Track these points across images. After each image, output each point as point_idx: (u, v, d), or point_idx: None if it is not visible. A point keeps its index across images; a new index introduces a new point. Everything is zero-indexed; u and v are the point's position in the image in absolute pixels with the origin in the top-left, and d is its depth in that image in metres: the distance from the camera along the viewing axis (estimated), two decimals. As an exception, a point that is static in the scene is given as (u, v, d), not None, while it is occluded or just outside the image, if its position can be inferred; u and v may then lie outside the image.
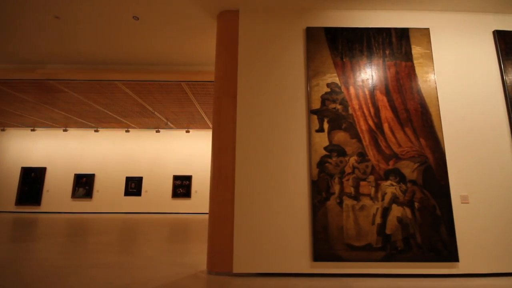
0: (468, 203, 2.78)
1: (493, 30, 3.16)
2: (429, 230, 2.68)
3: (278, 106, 2.96)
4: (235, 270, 2.64)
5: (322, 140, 2.86)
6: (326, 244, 2.65)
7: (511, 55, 3.07)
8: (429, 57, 3.04)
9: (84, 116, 7.42)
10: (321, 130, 2.88)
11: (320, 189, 2.76)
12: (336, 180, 2.78)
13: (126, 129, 9.26)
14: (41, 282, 2.46)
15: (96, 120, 7.96)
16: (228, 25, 3.19)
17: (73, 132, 9.69)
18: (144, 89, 5.24)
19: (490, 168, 2.85)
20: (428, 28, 3.11)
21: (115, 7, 3.31)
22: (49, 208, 9.43)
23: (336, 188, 2.76)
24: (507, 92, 2.98)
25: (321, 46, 3.07)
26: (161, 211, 9.39)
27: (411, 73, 3.01)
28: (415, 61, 3.04)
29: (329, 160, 2.82)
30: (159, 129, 9.64)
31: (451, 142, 2.89)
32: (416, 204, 2.73)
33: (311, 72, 3.01)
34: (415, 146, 2.85)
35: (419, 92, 2.96)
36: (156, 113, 6.66)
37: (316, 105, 2.94)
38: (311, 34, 3.10)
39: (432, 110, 2.92)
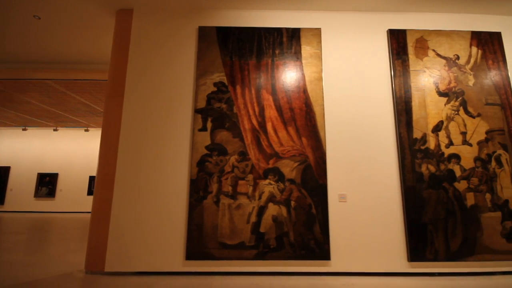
0: (345, 202, 2.80)
1: (387, 29, 3.17)
2: (303, 228, 2.70)
3: (165, 105, 2.97)
4: (107, 269, 2.64)
5: (204, 139, 2.87)
6: (200, 242, 2.66)
7: (402, 55, 3.08)
8: (318, 57, 3.06)
9: (36, 115, 7.41)
10: (204, 129, 2.89)
11: (198, 188, 2.77)
12: (215, 179, 2.79)
13: (86, 128, 9.25)
14: None
15: (51, 119, 7.95)
16: (122, 24, 3.19)
17: (35, 131, 9.66)
18: (81, 88, 5.24)
19: (371, 168, 2.87)
20: (320, 28, 3.12)
21: (17, 6, 3.30)
22: (12, 207, 9.40)
23: (214, 187, 2.77)
24: (394, 92, 3.00)
25: (211, 46, 3.08)
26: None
27: (299, 73, 3.02)
28: (303, 61, 3.05)
29: (209, 159, 2.83)
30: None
31: (333, 141, 2.90)
32: (292, 203, 2.75)
33: (199, 71, 3.01)
34: (296, 145, 2.87)
35: (305, 92, 2.98)
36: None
37: (202, 104, 2.95)
38: (203, 33, 3.11)
39: (316, 109, 2.94)
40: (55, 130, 9.30)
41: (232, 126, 2.90)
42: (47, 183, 9.49)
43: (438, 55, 3.07)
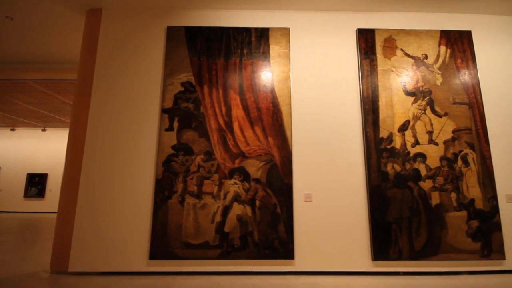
0: (311, 201, 2.80)
1: (356, 28, 3.17)
2: (268, 228, 2.70)
3: (132, 105, 2.96)
4: (70, 269, 2.64)
5: (170, 139, 2.87)
6: (164, 242, 2.66)
7: (370, 54, 3.08)
8: (287, 57, 3.06)
9: (23, 115, 7.42)
10: (170, 129, 2.89)
11: (163, 188, 2.77)
12: (180, 178, 2.79)
13: (75, 128, 9.23)
14: None
15: (38, 119, 7.95)
16: (92, 24, 3.19)
17: (24, 132, 9.66)
18: (62, 89, 5.24)
19: (337, 168, 2.87)
20: (289, 28, 3.12)
21: (-13, 6, 3.30)
22: (1, 207, 9.39)
23: (180, 187, 2.77)
24: (361, 92, 3.00)
25: (180, 45, 3.07)
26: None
27: (267, 72, 3.02)
28: (272, 61, 3.05)
29: (175, 159, 2.83)
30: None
31: (299, 141, 2.90)
32: (257, 203, 2.75)
33: (167, 71, 3.01)
34: (262, 144, 2.87)
35: (272, 91, 2.98)
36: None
37: (169, 104, 2.95)
38: (172, 33, 3.11)
39: (283, 109, 2.94)
40: (43, 130, 9.30)
41: (199, 126, 2.90)
42: (36, 184, 9.48)
43: (406, 54, 3.07)
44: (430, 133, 2.90)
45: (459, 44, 3.13)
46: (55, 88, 5.25)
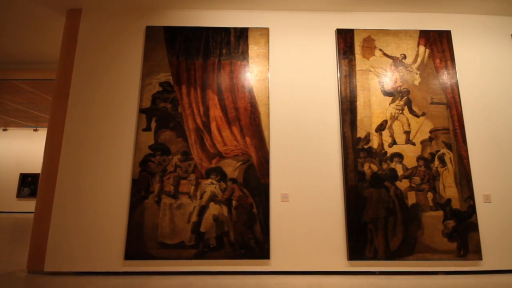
0: (288, 201, 2.80)
1: (335, 28, 3.17)
2: (244, 228, 2.70)
3: (110, 105, 2.96)
4: (46, 269, 2.64)
5: (148, 139, 2.87)
6: (140, 242, 2.66)
7: (349, 54, 3.09)
8: (265, 57, 3.06)
9: (14, 115, 7.41)
10: (148, 129, 2.89)
11: (140, 188, 2.77)
12: (157, 178, 2.79)
13: (68, 128, 9.23)
14: None
15: (29, 119, 7.94)
16: (72, 24, 3.19)
17: (16, 132, 9.65)
18: (49, 89, 5.24)
19: (315, 168, 2.87)
20: (268, 28, 3.12)
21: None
22: (-6, 207, 9.38)
23: (156, 187, 2.77)
24: (340, 92, 3.00)
25: (158, 45, 3.08)
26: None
27: (245, 72, 3.02)
28: (250, 60, 3.05)
29: (153, 158, 2.83)
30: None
31: (277, 141, 2.91)
32: (233, 202, 2.75)
33: (146, 71, 3.01)
34: (240, 144, 2.87)
35: (250, 91, 2.98)
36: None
37: (147, 104, 2.95)
38: (151, 33, 3.11)
39: (261, 109, 2.94)
40: (35, 130, 9.29)
41: (176, 126, 2.90)
42: (29, 184, 9.48)
43: (385, 54, 3.08)
44: (407, 133, 2.90)
45: (438, 44, 3.13)
46: (42, 88, 5.25)
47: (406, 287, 2.42)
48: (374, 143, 2.88)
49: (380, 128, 2.91)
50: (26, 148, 9.64)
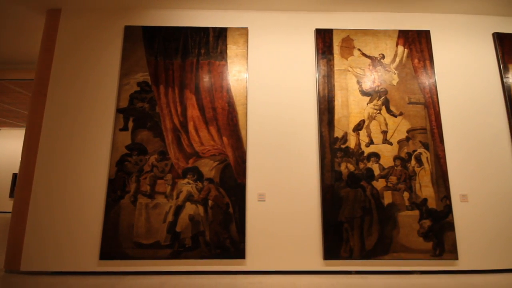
0: (264, 201, 2.80)
1: (314, 28, 3.17)
2: (219, 228, 2.71)
3: (88, 105, 2.96)
4: (22, 268, 2.64)
5: (125, 138, 2.87)
6: (115, 242, 2.66)
7: (327, 54, 3.09)
8: (244, 57, 3.06)
9: (4, 115, 7.41)
10: (125, 129, 2.89)
11: (116, 188, 2.77)
12: (133, 178, 2.79)
13: (60, 128, 9.24)
14: None
15: (21, 119, 7.93)
16: (51, 24, 3.18)
17: (9, 132, 9.64)
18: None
19: (292, 167, 2.87)
20: (247, 28, 3.12)
21: None
22: (-13, 207, 9.38)
23: (132, 187, 2.77)
24: (318, 91, 3.00)
25: (137, 45, 3.08)
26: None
27: (224, 72, 3.02)
28: (229, 60, 3.05)
29: (129, 158, 2.83)
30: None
31: (254, 141, 2.91)
32: (210, 202, 2.75)
33: (124, 71, 3.01)
34: (217, 144, 2.87)
35: (228, 91, 2.98)
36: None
37: (124, 104, 2.95)
38: (129, 33, 3.10)
39: (239, 109, 2.94)
40: (28, 130, 9.29)
41: (154, 126, 2.90)
42: (22, 184, 9.47)
43: (363, 54, 3.08)
44: (384, 132, 2.90)
45: (417, 44, 3.13)
46: (30, 88, 5.25)
47: (381, 287, 2.43)
48: (351, 142, 2.88)
49: (358, 127, 2.91)
50: (18, 148, 9.63)
